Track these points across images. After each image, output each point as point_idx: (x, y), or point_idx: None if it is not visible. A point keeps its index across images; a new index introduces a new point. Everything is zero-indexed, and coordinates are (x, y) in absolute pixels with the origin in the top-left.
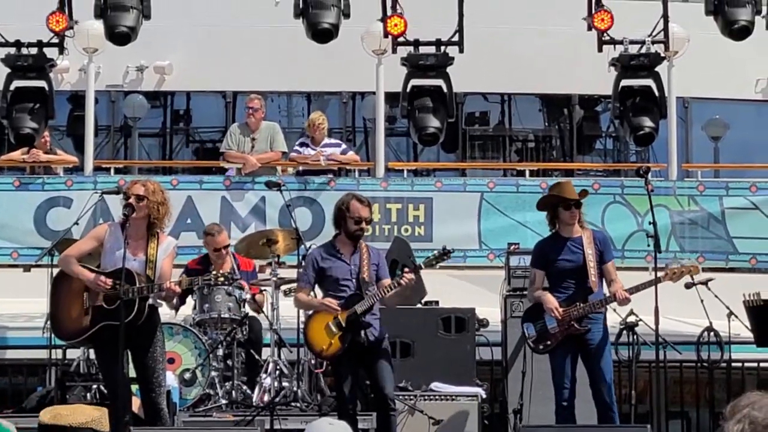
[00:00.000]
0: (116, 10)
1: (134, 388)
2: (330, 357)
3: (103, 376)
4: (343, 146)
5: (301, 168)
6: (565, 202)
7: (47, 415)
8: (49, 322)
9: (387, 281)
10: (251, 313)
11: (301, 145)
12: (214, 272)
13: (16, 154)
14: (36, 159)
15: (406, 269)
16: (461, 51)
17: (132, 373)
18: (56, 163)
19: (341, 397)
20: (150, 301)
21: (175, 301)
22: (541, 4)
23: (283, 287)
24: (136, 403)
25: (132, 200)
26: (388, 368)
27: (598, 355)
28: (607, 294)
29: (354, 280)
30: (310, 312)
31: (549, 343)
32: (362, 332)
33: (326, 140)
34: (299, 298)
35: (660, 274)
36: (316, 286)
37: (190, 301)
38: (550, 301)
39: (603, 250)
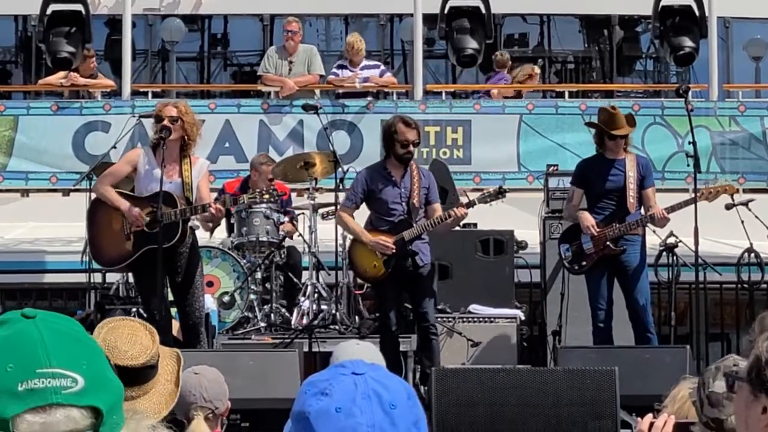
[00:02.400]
0: None
1: (173, 311)
2: (372, 279)
3: (144, 301)
4: (382, 68)
5: (340, 91)
6: (610, 135)
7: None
8: (88, 248)
9: (437, 206)
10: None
11: (339, 67)
12: (258, 190)
13: (54, 78)
14: (74, 83)
15: (460, 203)
16: None
17: (169, 296)
18: (94, 87)
19: (384, 319)
20: (190, 223)
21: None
22: None
23: (321, 210)
24: (175, 327)
25: (166, 122)
26: (432, 293)
27: (635, 277)
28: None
29: (403, 204)
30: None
31: (584, 263)
32: (408, 259)
33: (365, 62)
34: (344, 219)
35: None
36: (364, 205)
37: (223, 225)
38: (587, 218)
39: (645, 175)
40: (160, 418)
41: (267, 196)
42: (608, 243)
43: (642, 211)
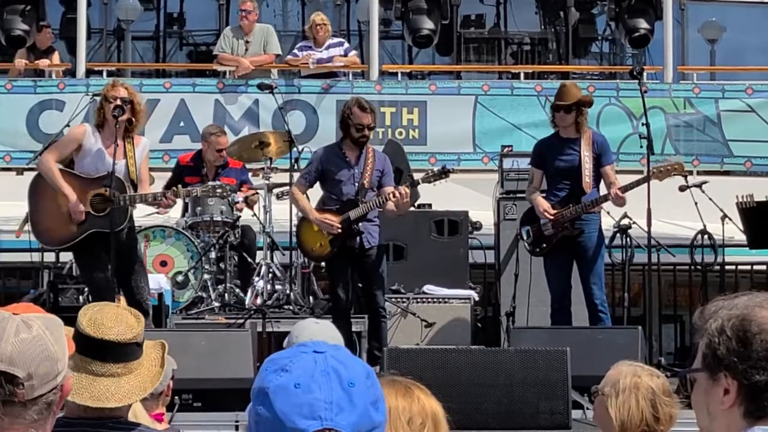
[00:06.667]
0: None
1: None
2: (318, 258)
3: (87, 280)
4: (346, 45)
5: (303, 73)
6: (555, 106)
7: (90, 327)
8: (29, 226)
9: (389, 189)
10: (243, 216)
11: (301, 48)
12: (211, 183)
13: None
14: (27, 65)
15: (402, 185)
16: None
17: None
18: (50, 67)
19: (336, 299)
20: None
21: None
22: None
23: (276, 190)
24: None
25: (118, 102)
26: (380, 276)
27: (591, 256)
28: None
29: (355, 185)
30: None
31: (545, 245)
32: (355, 239)
33: (329, 41)
34: (296, 195)
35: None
36: (318, 185)
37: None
38: (542, 203)
39: (600, 152)
40: (145, 395)
41: (219, 191)
42: (566, 224)
43: (600, 190)
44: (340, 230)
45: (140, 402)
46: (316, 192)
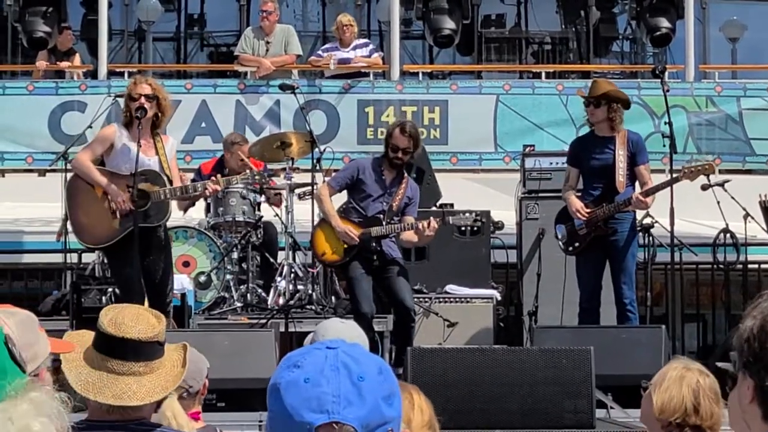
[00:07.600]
0: None
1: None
2: (328, 263)
3: (119, 279)
4: (371, 47)
5: (326, 72)
6: (585, 100)
7: (111, 327)
8: (68, 227)
9: (411, 219)
10: (264, 215)
11: (326, 49)
12: (249, 172)
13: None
14: (49, 67)
15: (432, 218)
16: None
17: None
18: (71, 68)
19: (356, 301)
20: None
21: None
22: None
23: (298, 191)
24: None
25: (143, 100)
26: (405, 282)
27: (622, 256)
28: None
29: (383, 204)
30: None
31: (578, 244)
32: (373, 255)
33: (355, 42)
34: (322, 196)
35: (676, 174)
36: (345, 192)
37: (200, 205)
38: (575, 202)
39: (635, 152)
40: (166, 394)
41: (258, 177)
42: (599, 224)
43: (635, 188)
44: (357, 243)
45: (178, 401)
46: (339, 197)
